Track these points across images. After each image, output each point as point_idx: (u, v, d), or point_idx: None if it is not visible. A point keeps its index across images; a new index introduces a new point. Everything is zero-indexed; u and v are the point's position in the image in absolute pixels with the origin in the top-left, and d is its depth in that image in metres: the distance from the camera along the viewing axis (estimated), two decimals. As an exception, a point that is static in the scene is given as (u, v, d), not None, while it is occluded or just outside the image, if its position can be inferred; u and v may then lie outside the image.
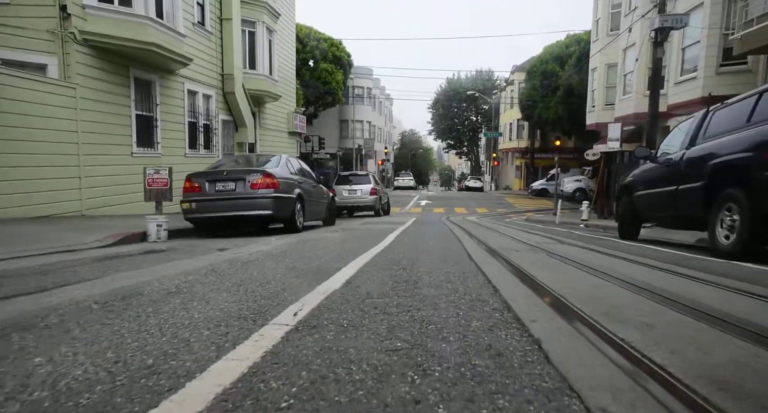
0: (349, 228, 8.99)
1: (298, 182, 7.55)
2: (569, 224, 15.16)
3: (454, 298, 2.52)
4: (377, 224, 10.48)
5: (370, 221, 12.04)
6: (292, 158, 8.57)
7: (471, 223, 12.85)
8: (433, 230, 8.82)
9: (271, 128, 18.30)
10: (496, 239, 7.01)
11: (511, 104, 43.40)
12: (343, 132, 41.73)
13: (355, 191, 15.59)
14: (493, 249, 5.32)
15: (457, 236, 7.22)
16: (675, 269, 3.84)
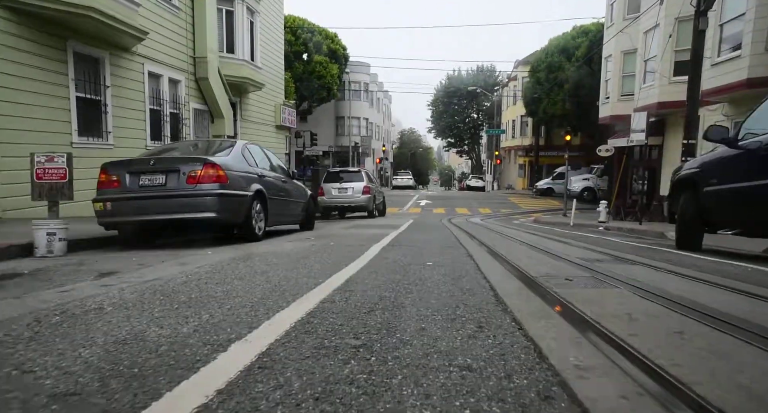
0: (327, 235, 7.34)
1: (258, 176, 5.89)
2: (586, 226, 13.52)
3: None
4: (365, 229, 8.84)
5: (360, 225, 10.39)
6: (256, 147, 6.90)
7: (477, 226, 11.21)
8: (433, 238, 7.16)
9: (255, 120, 16.67)
10: (520, 252, 5.37)
11: (514, 100, 41.78)
12: (339, 129, 40.09)
13: (346, 190, 13.96)
14: (531, 278, 3.47)
15: (466, 248, 5.58)
16: None
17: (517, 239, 7.39)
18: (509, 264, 4.24)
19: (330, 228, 9.31)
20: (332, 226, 10.16)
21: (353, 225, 10.09)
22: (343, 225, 10.29)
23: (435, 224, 11.14)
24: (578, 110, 24.60)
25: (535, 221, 17.24)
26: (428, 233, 8.11)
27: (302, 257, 4.42)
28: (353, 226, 9.83)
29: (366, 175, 14.45)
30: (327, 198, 14.01)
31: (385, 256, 4.57)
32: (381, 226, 9.82)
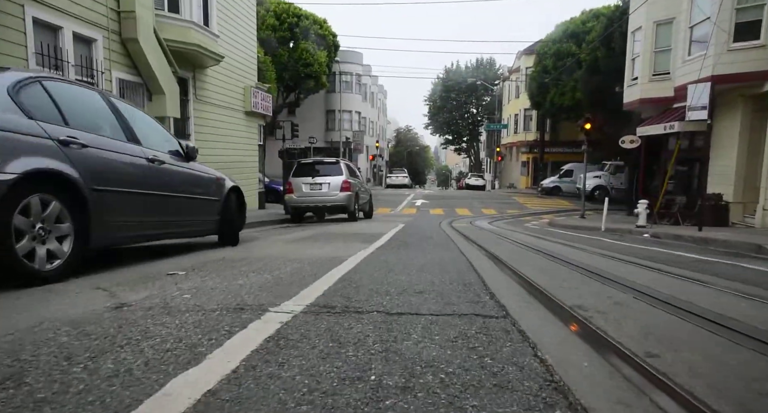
0: (240, 258, 4.49)
1: (60, 144, 2.87)
2: (621, 232, 10.76)
3: None
4: (325, 242, 6.04)
5: (323, 234, 7.57)
6: (74, 89, 3.57)
7: (488, 233, 8.40)
8: (428, 263, 4.35)
9: (216, 102, 13.83)
10: (590, 290, 2.49)
11: (516, 93, 39.07)
12: (329, 124, 37.26)
13: (320, 186, 11.14)
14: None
15: (501, 303, 2.73)
16: None
17: (555, 256, 4.55)
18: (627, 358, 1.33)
19: (268, 240, 6.50)
20: (278, 236, 7.33)
21: (311, 235, 7.25)
22: (298, 234, 7.46)
23: (432, 231, 8.34)
24: (594, 97, 21.86)
25: (549, 224, 14.51)
26: (421, 249, 5.30)
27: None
28: (310, 236, 7.00)
29: (346, 167, 11.64)
30: (296, 196, 11.20)
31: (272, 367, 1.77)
32: (354, 235, 7.01)
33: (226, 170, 15.54)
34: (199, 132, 12.85)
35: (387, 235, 6.93)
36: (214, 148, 13.66)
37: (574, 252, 5.74)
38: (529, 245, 6.27)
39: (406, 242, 5.83)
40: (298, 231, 8.04)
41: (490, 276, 3.38)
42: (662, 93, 14.31)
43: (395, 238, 6.48)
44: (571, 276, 3.68)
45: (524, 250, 5.72)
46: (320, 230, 8.29)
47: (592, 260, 4.83)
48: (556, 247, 6.39)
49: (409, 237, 6.73)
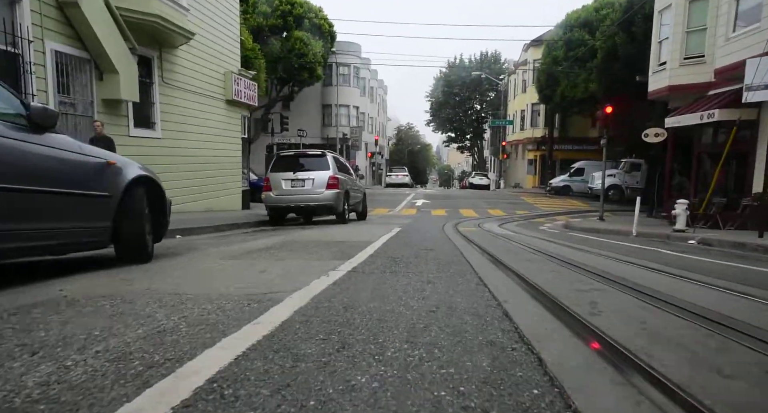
0: (107, 296, 2.79)
1: None
2: (659, 238, 9.07)
3: None
4: (279, 262, 4.32)
5: (290, 244, 5.86)
6: None
7: (505, 241, 6.67)
8: (429, 317, 2.56)
9: (190, 88, 12.17)
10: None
11: (523, 87, 37.32)
12: (325, 119, 35.57)
13: (303, 183, 9.47)
14: None
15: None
16: None
17: (662, 298, 2.76)
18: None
19: (204, 253, 4.81)
20: (228, 246, 5.63)
21: (273, 245, 5.54)
22: (252, 244, 5.73)
23: (434, 238, 6.65)
24: (609, 89, 20.13)
25: (566, 227, 12.82)
26: (417, 272, 3.59)
27: None
28: (268, 247, 5.29)
29: (334, 161, 9.95)
30: (275, 195, 9.54)
31: None
32: (330, 245, 5.34)
33: (202, 164, 13.98)
34: (168, 121, 11.18)
35: (374, 244, 5.25)
36: (186, 139, 12.00)
37: (636, 273, 4.05)
38: (569, 261, 4.58)
39: (395, 259, 4.14)
40: (263, 238, 6.36)
41: (562, 363, 1.67)
42: (695, 79, 12.60)
43: (383, 250, 4.80)
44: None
45: (570, 271, 4.02)
46: (292, 236, 6.60)
47: (682, 290, 3.14)
48: (606, 263, 4.70)
49: (403, 248, 5.04)
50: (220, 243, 5.62)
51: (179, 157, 11.69)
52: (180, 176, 11.79)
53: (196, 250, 4.92)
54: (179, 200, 11.79)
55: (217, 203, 13.88)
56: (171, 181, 11.33)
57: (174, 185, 11.50)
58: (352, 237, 6.20)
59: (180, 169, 11.75)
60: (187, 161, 12.12)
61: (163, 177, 11.25)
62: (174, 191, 11.53)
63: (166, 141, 11.12)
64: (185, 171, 12.04)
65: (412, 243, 5.54)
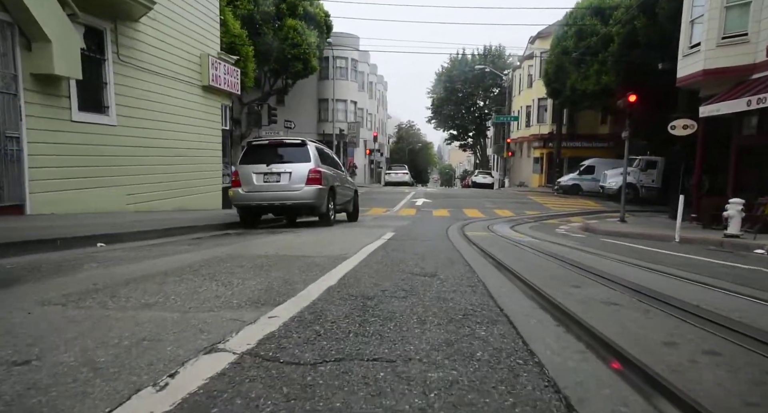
0: None
1: None
2: (709, 245, 7.47)
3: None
4: (162, 302, 2.67)
5: (237, 258, 4.23)
6: None
7: (529, 253, 5.01)
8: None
9: (155, 70, 10.58)
10: None
11: (529, 82, 35.68)
12: (322, 114, 33.94)
13: (278, 177, 7.89)
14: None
15: None
16: None
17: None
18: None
19: (34, 285, 3.17)
20: (135, 265, 4.00)
21: (211, 259, 3.94)
22: (184, 257, 4.08)
23: (436, 249, 5.03)
24: (626, 79, 18.52)
25: (586, 230, 11.25)
26: (407, 343, 1.94)
27: None
28: (184, 269, 3.64)
29: (316, 152, 8.35)
30: (245, 191, 7.95)
31: None
32: (289, 262, 3.77)
33: (172, 158, 12.26)
34: (126, 105, 9.58)
35: (347, 263, 3.66)
36: (151, 128, 10.42)
37: (740, 305, 2.47)
38: (665, 299, 2.98)
39: (365, 306, 2.40)
40: (203, 249, 4.75)
41: None
42: (736, 60, 10.99)
43: (354, 278, 3.16)
44: None
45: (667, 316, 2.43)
46: (246, 247, 4.99)
47: None
48: (695, 291, 3.11)
49: (387, 273, 3.37)
50: (126, 258, 4.01)
51: (141, 148, 10.10)
52: (142, 170, 10.21)
53: (55, 275, 3.28)
54: (142, 198, 10.22)
55: (192, 202, 12.31)
56: (130, 176, 9.76)
57: (134, 180, 9.93)
58: (324, 248, 4.61)
59: (142, 162, 10.17)
60: (153, 154, 10.53)
61: (119, 171, 9.69)
62: (134, 187, 9.96)
63: (124, 129, 9.53)
64: (150, 165, 10.46)
65: (404, 261, 3.92)
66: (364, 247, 4.67)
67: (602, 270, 3.96)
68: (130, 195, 9.79)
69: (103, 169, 8.98)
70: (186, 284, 2.80)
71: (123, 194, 9.55)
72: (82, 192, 8.51)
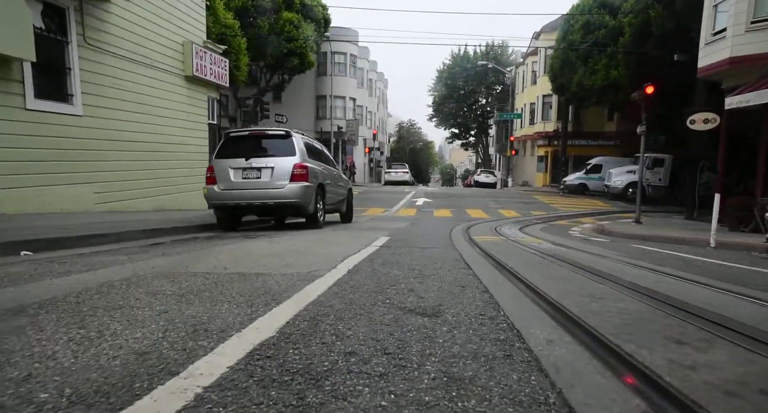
0: None
1: None
2: (752, 250, 6.52)
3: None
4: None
5: (162, 277, 3.28)
6: None
7: (559, 268, 4.04)
8: None
9: (131, 57, 9.66)
10: None
11: (533, 78, 34.71)
12: (319, 111, 32.98)
13: (257, 173, 6.96)
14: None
15: None
16: None
17: None
18: None
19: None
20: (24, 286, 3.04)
21: (127, 279, 2.98)
22: (71, 282, 3.11)
23: (437, 260, 4.06)
24: (637, 72, 17.55)
25: (601, 232, 10.31)
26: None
27: None
28: (98, 290, 2.70)
29: (302, 145, 7.41)
30: (221, 189, 7.02)
31: None
32: (225, 285, 2.76)
33: (150, 153, 9.98)
34: (95, 94, 8.66)
35: (318, 284, 2.72)
36: (123, 119, 9.49)
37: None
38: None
39: (313, 384, 1.35)
40: (154, 259, 3.81)
41: None
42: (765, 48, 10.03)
43: (319, 312, 2.17)
44: None
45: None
46: (205, 255, 4.05)
47: None
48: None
49: (369, 305, 2.32)
50: (27, 274, 3.05)
51: (113, 142, 9.18)
52: (115, 166, 9.29)
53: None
54: (114, 197, 9.30)
55: (175, 201, 11.39)
56: (99, 172, 8.83)
57: (104, 177, 9.01)
58: (295, 261, 3.66)
59: (114, 157, 9.25)
60: (127, 148, 9.61)
61: (85, 166, 8.70)
62: (104, 185, 9.03)
63: (92, 120, 8.60)
64: (123, 160, 9.54)
65: (394, 282, 2.89)
66: (347, 258, 3.73)
67: (633, 280, 3.01)
68: (100, 194, 8.85)
69: (67, 164, 8.05)
70: (20, 337, 1.78)
71: (90, 193, 8.62)
72: (42, 190, 7.58)
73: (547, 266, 3.90)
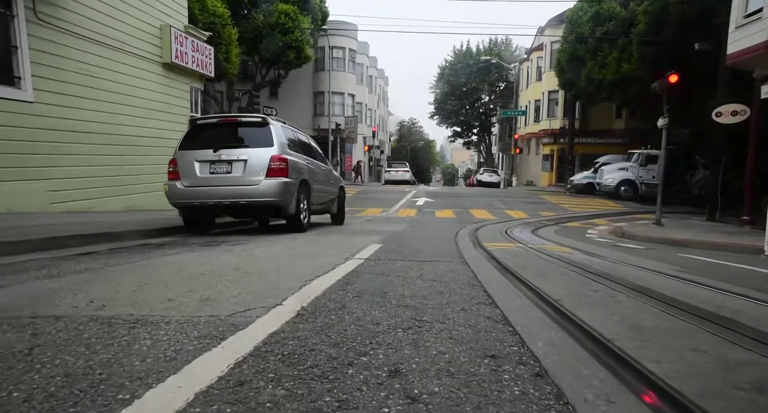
0: None
1: None
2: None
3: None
4: None
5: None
6: None
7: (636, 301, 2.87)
8: None
9: (95, 38, 8.59)
10: None
11: (538, 74, 33.60)
12: (317, 108, 31.88)
13: (228, 167, 5.87)
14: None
15: None
16: None
17: None
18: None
19: None
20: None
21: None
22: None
23: (441, 288, 2.92)
24: (652, 65, 16.44)
25: (622, 236, 9.23)
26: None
27: None
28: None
29: (282, 134, 6.33)
30: (185, 186, 5.95)
31: None
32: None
33: (119, 147, 8.40)
34: (47, 78, 7.58)
35: (227, 353, 1.62)
36: (86, 108, 8.43)
37: None
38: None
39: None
40: (30, 283, 2.72)
41: None
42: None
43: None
44: None
45: None
46: (124, 271, 2.99)
47: None
48: None
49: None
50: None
51: (73, 133, 8.11)
52: (75, 160, 8.22)
53: None
54: (74, 196, 8.22)
55: (148, 201, 10.30)
56: (55, 167, 7.74)
57: (62, 173, 7.93)
58: (230, 289, 2.55)
59: (76, 150, 8.20)
60: (89, 141, 8.55)
61: (39, 160, 7.29)
62: (61, 182, 7.94)
63: (46, 108, 7.54)
64: (87, 154, 8.48)
65: (368, 343, 1.67)
66: (310, 283, 2.65)
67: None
68: (55, 192, 7.77)
69: (13, 157, 6.98)
70: None
71: (43, 191, 7.54)
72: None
73: (610, 297, 2.78)
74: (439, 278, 3.02)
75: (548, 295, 2.61)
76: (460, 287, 2.75)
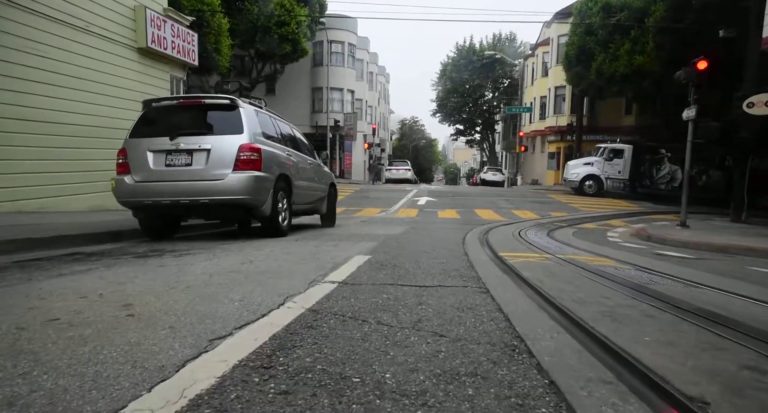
0: None
1: None
2: None
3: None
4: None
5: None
6: None
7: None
8: None
9: (54, 15, 7.59)
10: None
11: (544, 70, 32.49)
12: (315, 104, 30.84)
13: (188, 157, 4.79)
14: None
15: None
16: None
17: None
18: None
19: None
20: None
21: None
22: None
23: (459, 366, 1.81)
24: (669, 55, 15.37)
25: (648, 239, 8.18)
26: None
27: None
28: None
29: (254, 120, 5.29)
30: (135, 180, 4.89)
31: None
32: None
33: (86, 139, 7.28)
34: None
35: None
36: (42, 94, 7.41)
37: None
38: None
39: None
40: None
41: None
42: None
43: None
44: None
45: None
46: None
47: None
48: None
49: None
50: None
51: (24, 122, 7.12)
52: (27, 154, 7.21)
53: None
54: (27, 194, 7.20)
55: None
56: (1, 161, 6.76)
57: (11, 167, 6.93)
58: (98, 356, 1.53)
59: (33, 142, 7.19)
60: (48, 131, 7.55)
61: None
62: (10, 178, 6.94)
63: (9, 100, 6.52)
64: (43, 147, 7.48)
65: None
66: (233, 334, 1.61)
67: None
68: (1, 189, 6.76)
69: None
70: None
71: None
72: None
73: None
74: (447, 328, 1.91)
75: (683, 392, 1.40)
76: (488, 357, 1.59)
